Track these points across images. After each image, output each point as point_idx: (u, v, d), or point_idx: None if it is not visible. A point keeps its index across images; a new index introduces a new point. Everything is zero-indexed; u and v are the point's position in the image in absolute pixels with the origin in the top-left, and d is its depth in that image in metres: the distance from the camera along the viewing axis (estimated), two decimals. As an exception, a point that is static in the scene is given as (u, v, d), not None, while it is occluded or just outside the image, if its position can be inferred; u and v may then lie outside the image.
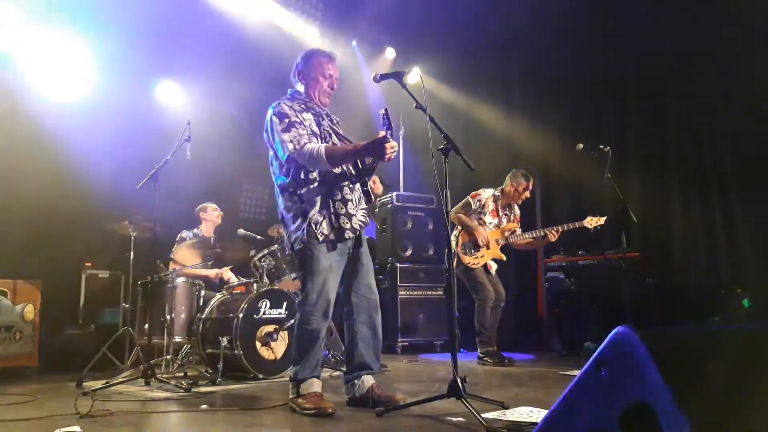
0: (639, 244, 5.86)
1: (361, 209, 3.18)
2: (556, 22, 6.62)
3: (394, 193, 6.94)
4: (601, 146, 4.80)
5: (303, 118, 3.09)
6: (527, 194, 5.40)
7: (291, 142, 2.99)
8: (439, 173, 2.96)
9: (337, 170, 3.11)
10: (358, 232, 3.13)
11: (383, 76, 3.16)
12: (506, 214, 5.45)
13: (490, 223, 5.36)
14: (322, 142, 3.08)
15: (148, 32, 6.11)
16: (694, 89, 5.85)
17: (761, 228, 5.27)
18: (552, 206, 6.95)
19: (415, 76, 6.96)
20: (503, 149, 7.43)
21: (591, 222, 5.05)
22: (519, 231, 5.39)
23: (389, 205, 6.87)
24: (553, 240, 5.17)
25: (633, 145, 6.29)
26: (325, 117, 3.22)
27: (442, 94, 7.55)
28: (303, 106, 3.16)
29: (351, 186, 3.14)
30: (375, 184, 3.28)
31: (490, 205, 5.37)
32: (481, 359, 5.15)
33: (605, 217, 5.04)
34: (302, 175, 3.07)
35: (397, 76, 3.10)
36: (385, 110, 2.89)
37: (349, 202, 3.10)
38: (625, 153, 6.26)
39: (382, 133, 2.89)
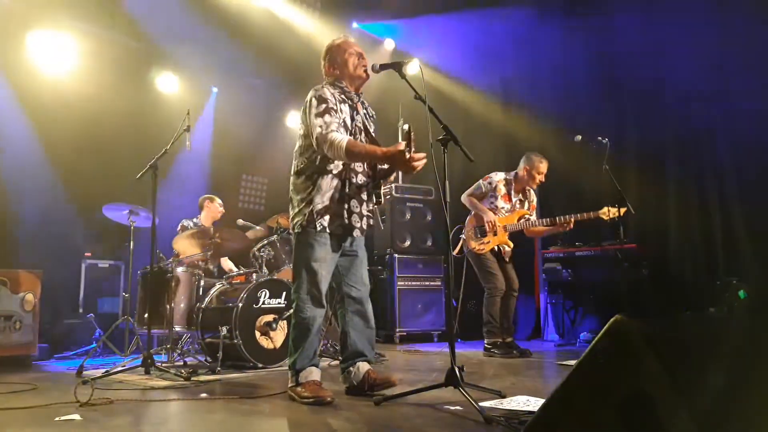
0: (636, 235, 5.89)
1: (368, 211, 3.20)
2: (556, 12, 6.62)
3: (393, 185, 6.95)
4: (599, 138, 4.80)
5: (340, 109, 3.11)
6: (542, 177, 5.10)
7: (320, 126, 3.01)
8: (439, 164, 2.96)
9: (359, 168, 3.14)
10: (364, 233, 3.18)
11: (383, 66, 3.16)
12: (520, 200, 5.20)
13: (503, 208, 5.11)
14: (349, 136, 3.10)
15: (149, 22, 6.10)
16: (691, 80, 5.84)
17: (757, 219, 5.29)
18: (548, 197, 6.97)
19: (414, 66, 6.95)
20: (501, 140, 7.43)
21: (606, 213, 4.73)
22: (533, 218, 5.12)
23: (388, 197, 6.88)
24: (567, 229, 4.94)
25: (631, 137, 6.29)
26: (360, 110, 3.23)
27: (440, 84, 7.54)
28: (343, 96, 3.18)
29: (366, 186, 3.17)
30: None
31: (502, 189, 5.12)
32: (487, 350, 5.02)
33: (624, 209, 4.54)
34: (321, 163, 3.08)
35: (397, 66, 3.10)
36: (409, 127, 2.90)
37: (364, 203, 3.15)
38: (623, 145, 6.26)
39: (402, 145, 2.87)
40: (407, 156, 2.83)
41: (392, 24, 7.76)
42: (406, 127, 2.90)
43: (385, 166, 3.17)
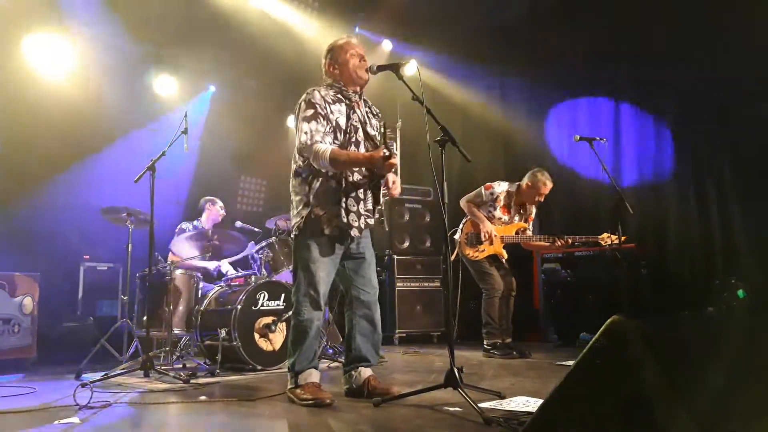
0: (635, 235, 5.89)
1: (366, 210, 3.16)
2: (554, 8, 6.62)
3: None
4: (598, 138, 4.79)
5: (331, 111, 3.07)
6: (542, 197, 5.06)
7: (306, 133, 2.99)
8: (437, 166, 2.96)
9: (355, 168, 3.11)
10: (363, 232, 3.14)
11: (380, 68, 3.15)
12: (519, 213, 5.18)
13: (499, 219, 5.11)
14: (344, 137, 3.07)
15: (146, 24, 6.10)
16: (690, 79, 5.85)
17: (756, 218, 5.29)
18: (546, 198, 6.96)
19: (412, 67, 6.95)
20: (499, 141, 7.43)
21: (605, 239, 4.77)
22: (529, 232, 5.16)
23: (386, 197, 6.87)
24: (563, 246, 4.97)
25: (629, 136, 6.30)
26: (358, 108, 3.18)
27: (438, 85, 7.55)
28: (338, 95, 3.14)
29: (363, 184, 3.14)
30: (394, 185, 3.26)
31: (502, 200, 5.10)
32: (486, 351, 5.01)
33: (624, 237, 4.44)
34: (316, 165, 3.05)
35: (394, 67, 3.10)
36: (384, 124, 2.90)
37: (362, 201, 3.12)
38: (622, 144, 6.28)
39: (384, 150, 2.90)
40: (388, 157, 2.87)
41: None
42: (382, 124, 2.90)
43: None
